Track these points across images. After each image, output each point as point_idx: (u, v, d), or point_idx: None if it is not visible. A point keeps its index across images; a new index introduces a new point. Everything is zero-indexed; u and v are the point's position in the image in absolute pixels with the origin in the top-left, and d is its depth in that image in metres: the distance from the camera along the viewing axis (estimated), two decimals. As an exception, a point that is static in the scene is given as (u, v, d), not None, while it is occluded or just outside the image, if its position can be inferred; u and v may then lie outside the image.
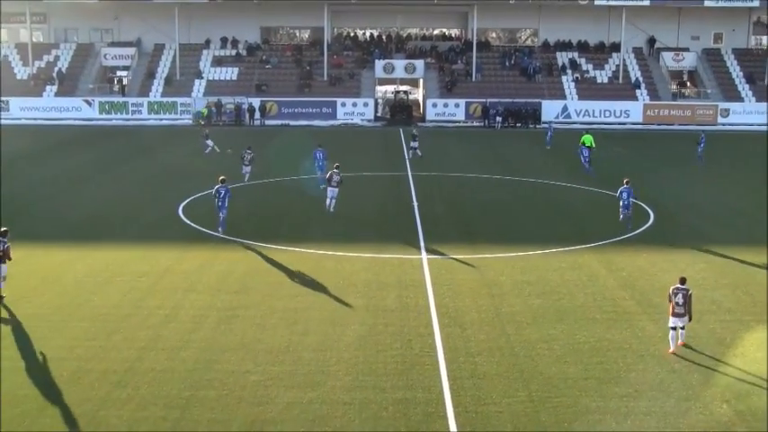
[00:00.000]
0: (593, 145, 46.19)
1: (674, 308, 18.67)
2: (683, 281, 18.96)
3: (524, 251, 27.36)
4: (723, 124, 72.03)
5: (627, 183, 31.77)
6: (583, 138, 47.37)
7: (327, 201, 33.18)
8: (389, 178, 42.43)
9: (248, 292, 22.66)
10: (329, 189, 33.17)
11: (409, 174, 43.49)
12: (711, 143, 50.69)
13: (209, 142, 50.57)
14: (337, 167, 33.82)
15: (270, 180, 40.51)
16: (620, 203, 31.58)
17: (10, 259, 22.12)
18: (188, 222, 31.55)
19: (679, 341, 18.81)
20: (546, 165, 47.48)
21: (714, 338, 19.24)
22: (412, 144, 49.59)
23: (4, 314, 20.70)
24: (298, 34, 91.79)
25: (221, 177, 30.59)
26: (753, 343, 19.02)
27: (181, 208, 33.91)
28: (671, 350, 18.69)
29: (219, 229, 29.66)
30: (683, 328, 18.80)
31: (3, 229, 22.37)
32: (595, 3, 76.64)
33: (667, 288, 19.53)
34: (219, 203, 29.61)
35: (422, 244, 28.26)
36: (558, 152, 52.58)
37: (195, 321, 20.22)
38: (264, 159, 44.73)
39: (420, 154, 48.88)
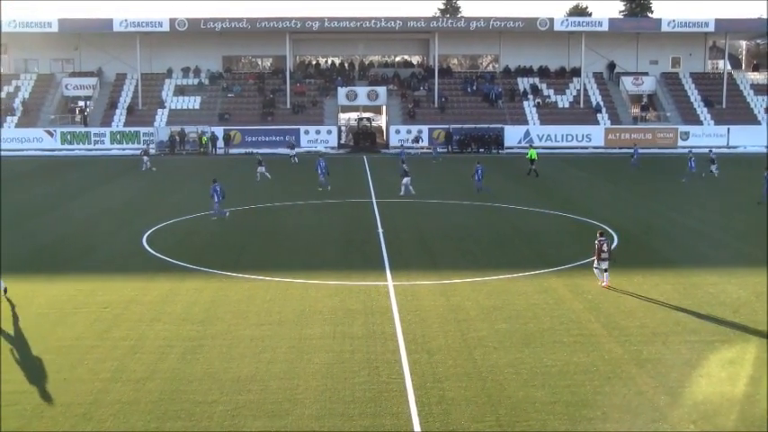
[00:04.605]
0: (537, 157, 54.74)
1: (600, 254, 25.12)
2: (602, 233, 25.77)
3: (490, 276, 27.43)
4: (683, 147, 73.03)
5: (479, 162, 46.72)
6: (529, 152, 55.66)
7: (403, 188, 44.56)
8: (354, 205, 42.44)
9: (214, 322, 22.47)
10: (404, 178, 44.80)
11: (374, 200, 43.55)
12: (672, 166, 51.09)
13: (146, 158, 59.64)
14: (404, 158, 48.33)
15: (231, 208, 40.34)
16: (475, 178, 44.72)
17: None
18: (152, 252, 31.31)
19: (605, 282, 25.16)
20: (507, 190, 47.74)
21: (680, 359, 19.35)
22: (259, 169, 52.19)
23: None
24: (260, 63, 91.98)
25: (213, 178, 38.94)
26: (718, 363, 19.17)
27: (145, 238, 33.67)
28: (605, 284, 25.20)
29: (226, 213, 37.87)
30: (606, 270, 25.20)
31: None
32: (555, 29, 77.59)
33: (633, 311, 22.89)
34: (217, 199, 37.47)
35: (388, 270, 28.25)
36: (519, 178, 52.99)
37: (161, 352, 20.01)
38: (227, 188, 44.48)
39: (264, 178, 51.31)
